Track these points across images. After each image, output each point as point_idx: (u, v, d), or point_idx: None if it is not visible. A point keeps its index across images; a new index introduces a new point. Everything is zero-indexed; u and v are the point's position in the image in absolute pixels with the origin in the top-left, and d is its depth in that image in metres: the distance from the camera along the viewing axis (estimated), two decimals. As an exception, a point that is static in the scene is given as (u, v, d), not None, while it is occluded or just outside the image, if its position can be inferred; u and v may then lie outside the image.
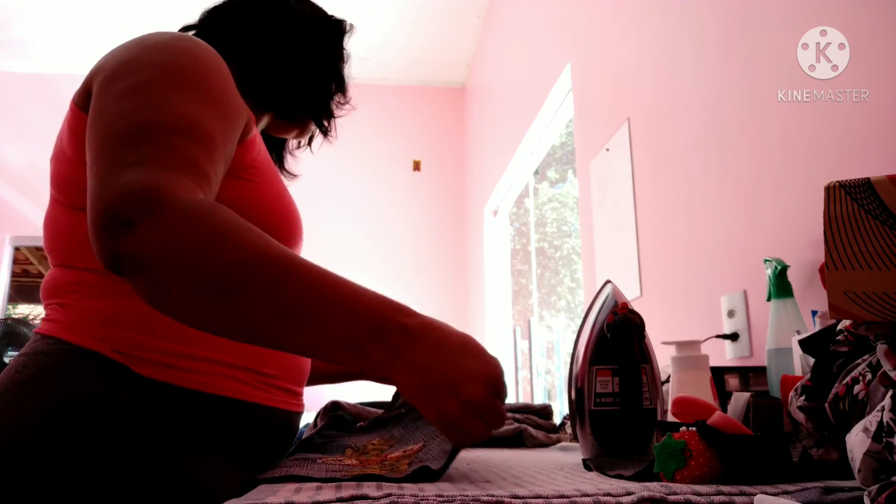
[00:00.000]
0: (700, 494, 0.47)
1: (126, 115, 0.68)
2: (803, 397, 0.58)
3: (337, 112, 1.07)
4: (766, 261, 1.13)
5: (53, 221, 0.81)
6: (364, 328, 0.61)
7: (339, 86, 1.06)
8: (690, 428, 0.56)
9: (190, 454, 0.73)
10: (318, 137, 1.11)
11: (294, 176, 1.15)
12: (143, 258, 0.60)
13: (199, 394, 0.75)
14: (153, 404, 0.72)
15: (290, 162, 1.16)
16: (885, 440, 0.40)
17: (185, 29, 0.98)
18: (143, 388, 0.73)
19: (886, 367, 0.43)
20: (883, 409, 0.41)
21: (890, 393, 0.42)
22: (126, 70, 0.73)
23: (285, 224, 0.85)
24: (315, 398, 1.24)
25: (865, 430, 0.42)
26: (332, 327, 0.61)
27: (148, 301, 0.63)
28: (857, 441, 0.42)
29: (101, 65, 0.77)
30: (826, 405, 0.53)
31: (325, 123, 1.06)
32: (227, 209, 0.65)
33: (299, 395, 0.90)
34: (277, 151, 1.14)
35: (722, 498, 0.46)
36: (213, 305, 0.61)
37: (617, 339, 0.80)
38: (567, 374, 0.87)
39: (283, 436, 0.87)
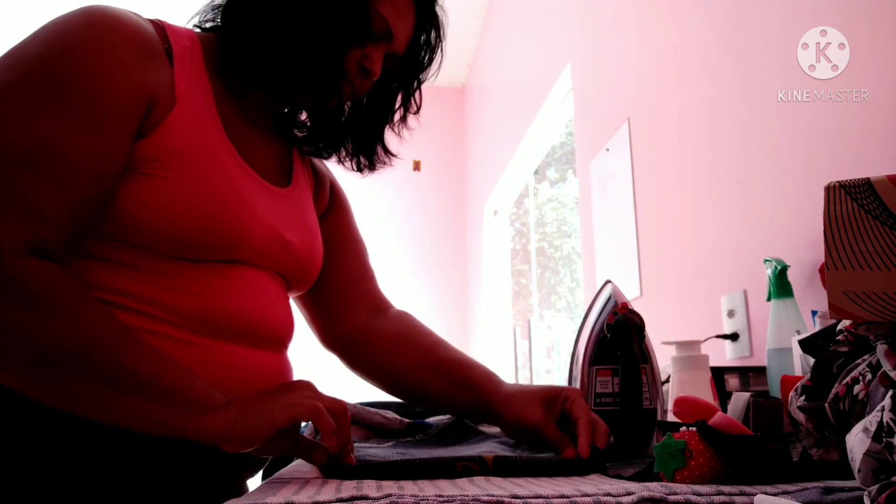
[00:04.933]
0: (700, 494, 0.47)
1: None
2: (803, 397, 0.58)
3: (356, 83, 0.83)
4: (766, 261, 1.13)
5: None
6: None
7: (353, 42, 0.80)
8: (691, 428, 0.56)
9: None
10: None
11: (391, 156, 0.98)
12: None
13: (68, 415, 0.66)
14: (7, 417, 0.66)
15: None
16: (885, 440, 0.40)
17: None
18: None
19: (886, 367, 0.43)
20: (883, 409, 0.41)
21: (890, 393, 0.42)
22: None
23: (206, 226, 0.72)
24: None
25: (865, 430, 0.42)
26: (154, 409, 0.63)
27: None
28: (857, 441, 0.42)
29: None
30: (826, 405, 0.53)
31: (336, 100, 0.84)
32: (58, 275, 0.62)
33: None
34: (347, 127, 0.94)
35: (722, 498, 0.46)
36: (36, 379, 0.62)
37: (617, 339, 0.80)
38: (567, 374, 0.87)
39: (196, 453, 0.72)
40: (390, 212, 4.84)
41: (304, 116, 0.96)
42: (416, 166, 4.96)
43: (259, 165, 0.83)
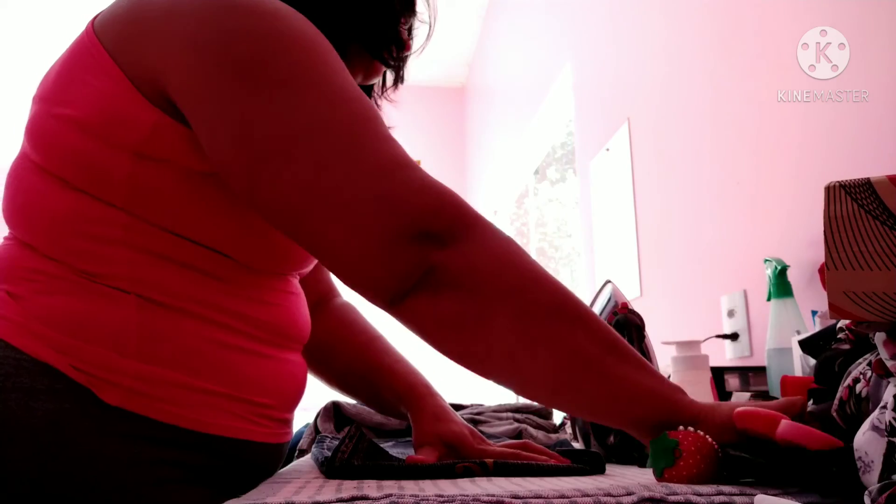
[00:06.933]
0: (700, 494, 0.47)
1: (339, 109, 0.59)
2: (811, 401, 0.58)
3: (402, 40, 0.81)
4: (766, 261, 1.13)
5: (30, 190, 0.64)
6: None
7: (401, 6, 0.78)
8: (688, 428, 0.56)
9: (162, 499, 0.62)
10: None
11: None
12: (469, 275, 0.55)
13: (179, 429, 0.62)
14: (121, 440, 0.59)
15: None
16: (887, 440, 0.40)
17: None
18: (109, 420, 0.59)
19: (884, 355, 0.43)
20: (886, 408, 0.41)
21: (893, 392, 0.42)
22: (258, 52, 0.58)
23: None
24: (309, 397, 1.20)
25: (875, 427, 0.42)
26: (644, 379, 0.56)
27: (446, 323, 0.56)
28: (867, 440, 0.42)
29: (186, 39, 0.59)
30: (833, 413, 0.53)
31: (388, 54, 0.79)
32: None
33: (290, 423, 0.78)
34: None
35: (722, 498, 0.46)
36: (533, 334, 0.55)
37: (617, 339, 0.80)
38: (567, 374, 0.87)
39: (265, 469, 0.74)
40: (390, 212, 4.84)
41: None
42: (416, 166, 4.96)
43: None
